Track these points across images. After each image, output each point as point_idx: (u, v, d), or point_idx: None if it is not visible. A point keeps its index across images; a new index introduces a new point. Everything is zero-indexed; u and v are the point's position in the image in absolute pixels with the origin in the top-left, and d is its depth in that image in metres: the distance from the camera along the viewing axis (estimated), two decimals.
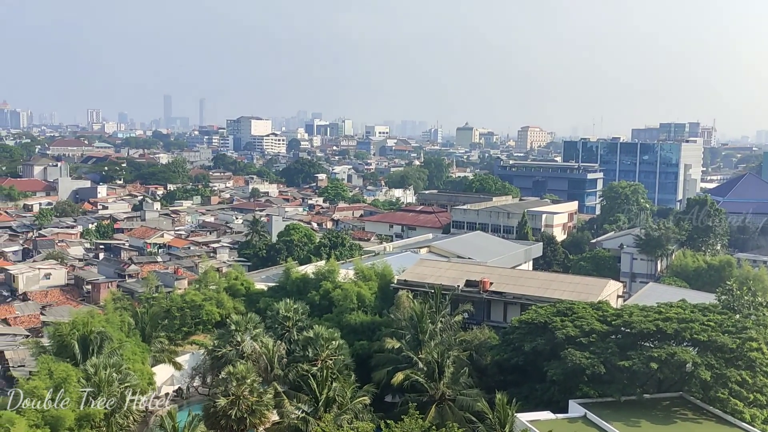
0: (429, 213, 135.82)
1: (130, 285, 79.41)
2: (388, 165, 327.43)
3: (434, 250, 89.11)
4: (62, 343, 46.22)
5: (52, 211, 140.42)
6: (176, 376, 57.23)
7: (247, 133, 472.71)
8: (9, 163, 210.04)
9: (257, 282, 72.10)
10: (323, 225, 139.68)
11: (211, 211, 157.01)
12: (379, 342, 53.58)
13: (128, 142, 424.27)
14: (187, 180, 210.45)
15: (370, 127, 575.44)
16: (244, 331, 51.71)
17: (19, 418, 35.49)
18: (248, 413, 43.29)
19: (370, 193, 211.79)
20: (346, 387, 45.34)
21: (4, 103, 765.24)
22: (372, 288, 63.80)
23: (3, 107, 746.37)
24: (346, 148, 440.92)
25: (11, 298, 78.09)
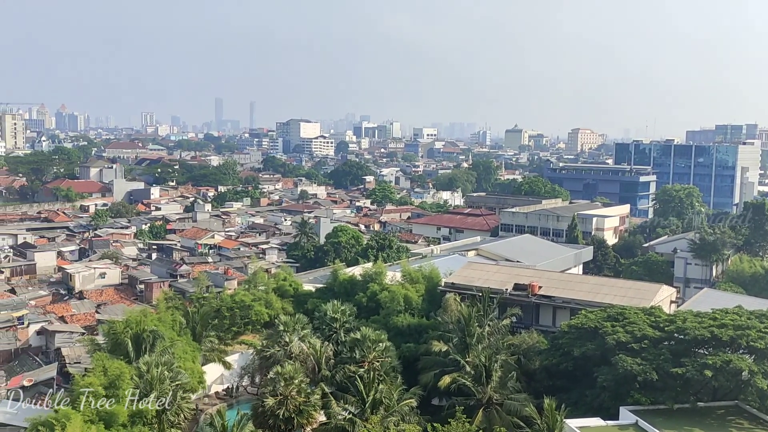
0: (477, 216, 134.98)
1: (181, 285, 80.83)
2: (435, 167, 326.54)
3: (482, 253, 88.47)
4: (116, 341, 47.17)
5: (108, 212, 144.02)
6: (226, 375, 57.97)
7: (296, 136, 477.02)
8: (67, 165, 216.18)
9: (305, 283, 72.58)
10: (371, 227, 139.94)
11: (260, 213, 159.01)
12: (426, 345, 53.40)
13: (181, 144, 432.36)
14: (238, 182, 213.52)
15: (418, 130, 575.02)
16: (292, 331, 52.11)
17: (74, 414, 36.35)
18: (296, 413, 43.58)
19: (417, 195, 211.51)
20: (393, 389, 45.28)
21: (63, 106, 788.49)
22: (419, 290, 63.64)
23: (62, 110, 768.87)
24: (393, 150, 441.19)
25: (68, 296, 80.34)
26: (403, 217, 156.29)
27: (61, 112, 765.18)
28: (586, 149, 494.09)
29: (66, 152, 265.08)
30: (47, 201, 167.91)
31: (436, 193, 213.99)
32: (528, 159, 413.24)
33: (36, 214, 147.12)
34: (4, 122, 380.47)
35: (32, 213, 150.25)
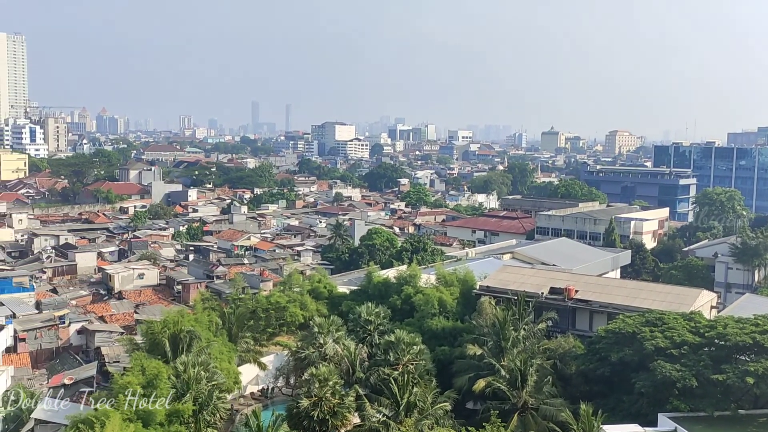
0: (512, 218, 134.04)
1: (218, 286, 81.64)
2: (471, 170, 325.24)
3: (518, 256, 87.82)
4: (154, 340, 47.77)
5: (146, 214, 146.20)
6: (261, 375, 58.39)
7: (331, 138, 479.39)
8: (107, 167, 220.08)
9: (340, 285, 72.80)
10: (405, 229, 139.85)
11: (295, 215, 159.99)
12: (461, 348, 53.17)
13: (218, 147, 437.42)
14: (273, 184, 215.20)
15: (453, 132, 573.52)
16: (326, 333, 52.27)
17: (113, 412, 36.92)
18: (330, 415, 43.67)
19: (452, 197, 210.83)
20: (427, 392, 45.14)
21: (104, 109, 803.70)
22: (454, 293, 63.37)
23: (102, 114, 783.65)
24: (428, 152, 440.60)
25: (108, 296, 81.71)
26: (438, 219, 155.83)
27: (101, 115, 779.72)
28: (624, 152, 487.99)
29: (106, 155, 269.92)
30: (88, 203, 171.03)
31: (471, 196, 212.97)
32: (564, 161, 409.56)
33: (77, 216, 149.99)
34: (47, 125, 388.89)
35: (73, 214, 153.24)
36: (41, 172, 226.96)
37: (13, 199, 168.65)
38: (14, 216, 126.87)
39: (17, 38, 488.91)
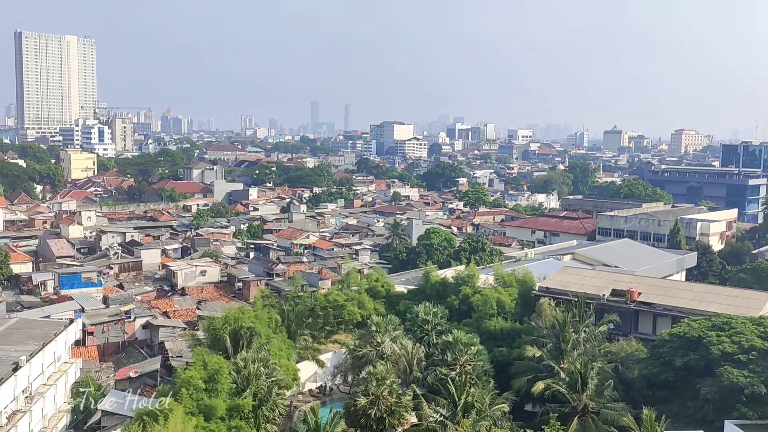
0: (573, 219, 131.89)
1: (277, 283, 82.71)
2: (530, 169, 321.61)
3: (578, 257, 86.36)
4: (215, 336, 48.66)
5: (208, 212, 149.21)
6: (319, 373, 58.88)
7: (390, 138, 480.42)
8: (171, 167, 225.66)
9: (397, 284, 72.83)
10: (463, 229, 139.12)
11: (353, 214, 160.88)
12: (519, 349, 52.60)
13: (278, 146, 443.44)
14: (332, 183, 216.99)
15: (513, 131, 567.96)
16: (384, 332, 52.40)
17: (176, 405, 37.82)
18: (387, 413, 43.76)
19: (511, 197, 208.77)
20: (485, 393, 44.78)
21: (168, 110, 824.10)
22: (512, 294, 62.71)
23: (167, 114, 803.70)
24: (487, 152, 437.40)
25: (171, 292, 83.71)
26: (497, 219, 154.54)
27: (166, 116, 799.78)
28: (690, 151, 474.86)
29: (170, 154, 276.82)
30: (153, 201, 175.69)
31: (531, 196, 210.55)
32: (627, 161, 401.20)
33: (142, 214, 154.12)
34: (114, 126, 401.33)
35: (139, 212, 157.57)
36: (109, 171, 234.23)
37: (83, 197, 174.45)
38: (83, 213, 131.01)
39: (87, 41, 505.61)
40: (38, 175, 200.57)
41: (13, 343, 45.86)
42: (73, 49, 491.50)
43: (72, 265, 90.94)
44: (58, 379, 47.80)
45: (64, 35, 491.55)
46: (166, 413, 36.39)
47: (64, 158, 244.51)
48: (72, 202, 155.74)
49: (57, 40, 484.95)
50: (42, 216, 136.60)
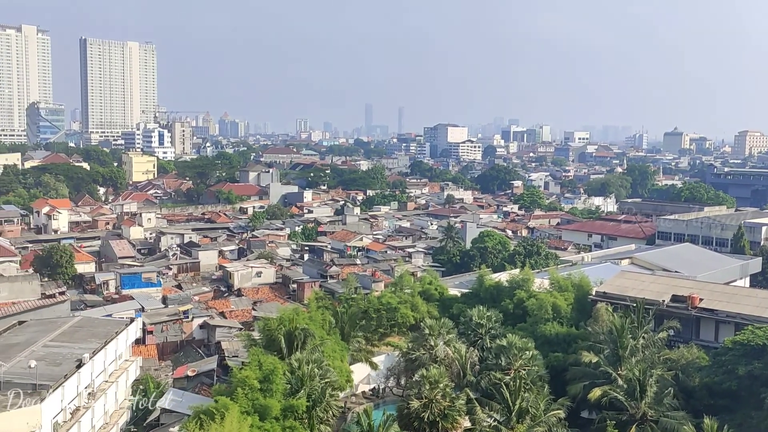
0: (631, 223, 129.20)
1: (331, 285, 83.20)
2: (587, 172, 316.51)
3: (637, 261, 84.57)
4: (270, 337, 49.19)
5: (264, 214, 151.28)
6: (372, 375, 59.01)
7: (444, 140, 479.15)
8: (228, 170, 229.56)
9: (451, 288, 72.46)
10: (518, 233, 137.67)
11: (407, 217, 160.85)
12: (575, 355, 51.78)
13: (332, 149, 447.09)
14: (385, 186, 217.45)
15: (569, 133, 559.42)
16: (437, 335, 52.22)
17: (232, 404, 38.40)
18: (440, 417, 43.59)
19: (567, 200, 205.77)
20: (540, 399, 44.21)
21: (225, 114, 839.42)
22: (568, 299, 61.78)
23: (224, 118, 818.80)
24: (543, 154, 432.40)
25: (228, 293, 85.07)
26: (552, 223, 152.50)
27: (223, 119, 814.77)
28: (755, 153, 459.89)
29: (227, 157, 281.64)
30: (210, 203, 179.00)
31: (588, 199, 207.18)
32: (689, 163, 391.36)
33: (200, 215, 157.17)
34: (174, 129, 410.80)
35: (197, 214, 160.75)
36: (168, 174, 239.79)
37: (143, 199, 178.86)
38: (144, 215, 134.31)
39: (148, 47, 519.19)
40: (101, 177, 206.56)
41: (76, 341, 47.30)
42: (134, 55, 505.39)
43: (133, 265, 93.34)
44: (119, 376, 49.08)
45: (126, 42, 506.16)
46: (222, 412, 36.97)
47: (125, 161, 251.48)
48: (133, 204, 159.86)
49: (119, 47, 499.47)
50: (105, 217, 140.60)
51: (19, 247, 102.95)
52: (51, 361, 42.57)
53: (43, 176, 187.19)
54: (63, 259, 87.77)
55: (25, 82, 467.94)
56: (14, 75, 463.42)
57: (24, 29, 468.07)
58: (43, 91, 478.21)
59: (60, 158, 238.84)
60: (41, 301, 71.09)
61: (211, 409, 37.95)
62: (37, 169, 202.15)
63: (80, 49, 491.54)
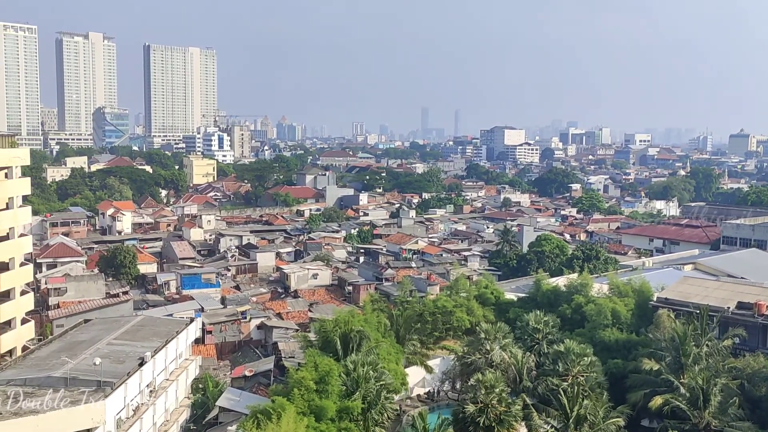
0: (695, 227, 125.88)
1: (386, 288, 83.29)
2: (648, 175, 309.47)
3: (700, 267, 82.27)
4: (326, 338, 49.63)
5: (320, 217, 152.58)
6: (427, 378, 58.87)
7: (500, 143, 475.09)
8: (285, 173, 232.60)
9: (507, 292, 71.83)
10: (576, 236, 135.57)
11: (462, 220, 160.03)
12: (636, 362, 50.68)
13: (388, 152, 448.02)
14: (441, 189, 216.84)
15: (630, 135, 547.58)
16: (493, 340, 51.83)
17: (289, 405, 38.83)
18: (496, 422, 43.17)
19: (628, 204, 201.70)
20: (599, 406, 43.41)
21: (283, 117, 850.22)
22: (628, 304, 60.56)
23: (282, 122, 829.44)
24: (602, 157, 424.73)
25: (285, 294, 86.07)
26: (612, 227, 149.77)
27: (281, 123, 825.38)
28: None
29: (285, 160, 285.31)
30: (268, 205, 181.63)
31: (649, 203, 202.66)
32: (756, 166, 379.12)
33: (258, 218, 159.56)
34: (233, 133, 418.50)
35: (255, 216, 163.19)
36: (227, 177, 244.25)
37: (203, 201, 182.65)
38: (204, 217, 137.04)
39: (209, 53, 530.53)
40: (163, 180, 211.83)
41: (139, 340, 48.58)
42: (196, 61, 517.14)
43: (193, 266, 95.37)
44: (179, 375, 50.22)
45: (187, 47, 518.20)
46: (279, 412, 37.39)
47: (186, 164, 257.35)
48: (193, 206, 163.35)
49: (181, 52, 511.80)
50: (166, 219, 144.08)
51: (85, 248, 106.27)
52: (115, 358, 43.84)
53: (108, 179, 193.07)
54: (126, 260, 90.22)
55: (92, 88, 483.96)
56: (81, 81, 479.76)
57: (91, 36, 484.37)
58: (109, 97, 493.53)
59: (124, 161, 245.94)
60: (106, 300, 73.47)
61: (268, 408, 38.45)
62: (103, 172, 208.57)
63: (144, 55, 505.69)
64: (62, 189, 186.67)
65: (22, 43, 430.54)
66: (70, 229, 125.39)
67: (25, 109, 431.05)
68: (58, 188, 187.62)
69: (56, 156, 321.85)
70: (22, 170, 59.12)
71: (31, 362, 43.66)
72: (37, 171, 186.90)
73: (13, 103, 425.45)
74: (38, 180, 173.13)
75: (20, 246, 57.37)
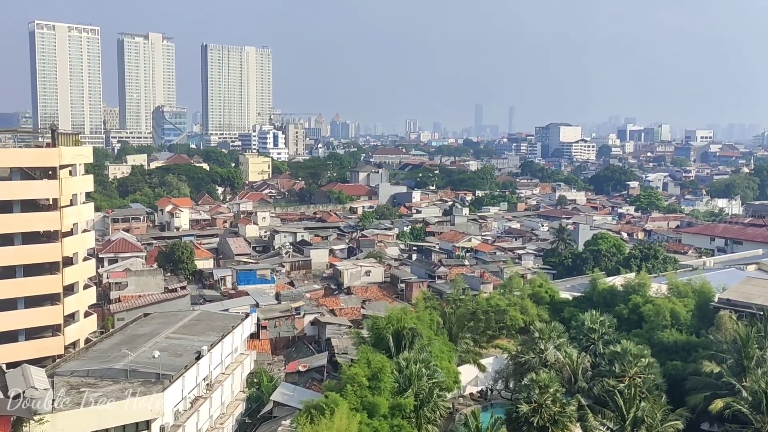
0: (759, 226, 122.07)
1: (439, 286, 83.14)
2: (710, 172, 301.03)
3: (764, 267, 79.75)
4: (379, 335, 49.75)
5: (373, 214, 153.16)
6: (480, 377, 58.51)
7: (556, 140, 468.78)
8: (339, 170, 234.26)
9: (562, 291, 70.91)
10: (634, 235, 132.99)
11: (516, 218, 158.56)
12: (695, 364, 49.48)
13: (441, 150, 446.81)
14: (495, 186, 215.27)
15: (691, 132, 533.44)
16: (547, 339, 51.22)
17: (342, 401, 39.09)
18: (550, 423, 42.61)
19: (688, 202, 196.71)
20: (656, 408, 42.52)
21: (337, 115, 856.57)
22: (688, 305, 59.09)
23: (336, 120, 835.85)
24: (662, 154, 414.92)
25: (338, 291, 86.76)
26: (671, 225, 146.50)
27: (335, 121, 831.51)
28: None
29: (338, 158, 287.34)
30: (321, 203, 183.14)
31: (710, 201, 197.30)
32: None
33: (312, 215, 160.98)
34: (287, 131, 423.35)
35: (309, 213, 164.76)
36: (282, 174, 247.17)
37: (258, 198, 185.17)
38: (259, 214, 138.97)
39: (264, 52, 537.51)
40: (220, 177, 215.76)
41: (196, 334, 49.58)
42: (252, 59, 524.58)
43: (248, 262, 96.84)
44: (235, 369, 51.07)
45: (244, 46, 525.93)
46: (332, 408, 37.66)
47: (242, 162, 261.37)
48: (249, 203, 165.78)
49: (238, 52, 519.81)
50: (222, 216, 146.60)
51: (145, 244, 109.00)
52: (173, 352, 44.83)
53: (166, 176, 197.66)
54: (184, 255, 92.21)
55: (152, 87, 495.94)
56: (141, 80, 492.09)
57: (151, 37, 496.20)
58: (168, 96, 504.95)
59: (182, 159, 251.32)
60: (164, 295, 75.30)
61: (322, 404, 38.77)
62: (162, 169, 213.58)
63: (201, 55, 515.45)
64: (123, 186, 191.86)
65: (86, 44, 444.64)
66: (130, 225, 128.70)
67: (89, 109, 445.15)
68: (119, 185, 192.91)
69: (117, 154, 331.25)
70: (85, 168, 61.02)
71: (93, 354, 45.00)
72: (99, 168, 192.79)
73: (77, 103, 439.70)
74: (100, 177, 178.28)
75: (83, 241, 59.18)
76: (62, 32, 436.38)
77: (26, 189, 53.05)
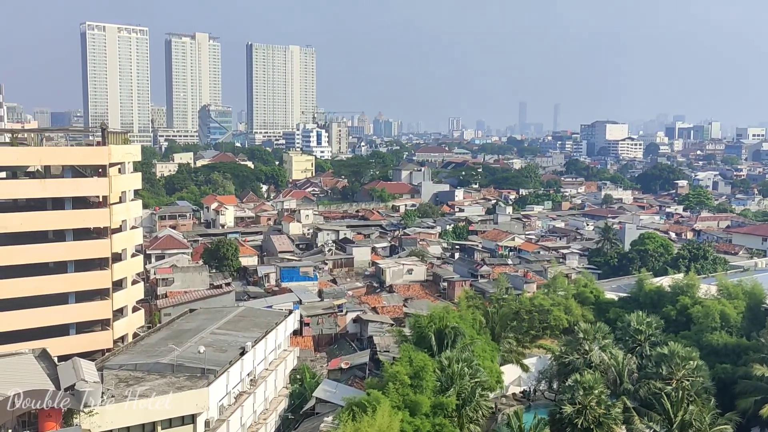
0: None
1: (481, 285, 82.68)
2: (762, 171, 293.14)
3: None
4: (421, 334, 49.74)
5: (416, 212, 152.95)
6: (523, 377, 58.08)
7: (601, 138, 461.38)
8: (381, 168, 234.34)
9: (607, 291, 69.95)
10: (682, 235, 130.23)
11: (561, 217, 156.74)
12: (746, 367, 48.34)
13: (484, 148, 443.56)
14: (539, 185, 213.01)
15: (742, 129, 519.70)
16: (592, 340, 50.58)
17: (384, 399, 39.16)
18: (595, 424, 42.07)
19: (739, 202, 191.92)
20: (705, 412, 41.62)
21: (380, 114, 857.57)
22: (738, 307, 57.71)
23: (379, 118, 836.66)
24: (711, 152, 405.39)
25: (380, 289, 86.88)
26: (721, 225, 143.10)
27: (378, 119, 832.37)
28: None
29: (381, 156, 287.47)
30: (364, 201, 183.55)
31: (762, 200, 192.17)
32: None
33: (354, 213, 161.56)
34: (331, 129, 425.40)
35: (351, 211, 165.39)
36: (325, 173, 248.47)
37: (302, 196, 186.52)
38: (302, 212, 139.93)
39: (308, 51, 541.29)
40: (264, 175, 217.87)
41: (240, 330, 50.24)
42: (296, 59, 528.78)
43: (292, 259, 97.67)
44: (278, 365, 51.60)
45: (288, 46, 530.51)
46: (374, 405, 37.76)
47: (286, 160, 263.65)
48: (292, 201, 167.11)
49: (282, 51, 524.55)
50: (266, 213, 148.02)
51: (191, 240, 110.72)
52: (217, 347, 45.51)
53: (212, 174, 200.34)
54: (229, 252, 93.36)
55: (198, 87, 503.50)
56: (188, 80, 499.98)
57: (197, 37, 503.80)
58: (213, 95, 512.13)
59: (227, 157, 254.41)
60: (209, 291, 76.41)
61: (364, 401, 38.91)
62: (207, 167, 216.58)
63: (246, 54, 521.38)
64: (170, 184, 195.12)
65: (135, 44, 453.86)
66: (177, 222, 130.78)
67: (137, 108, 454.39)
68: (166, 183, 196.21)
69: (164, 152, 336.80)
70: (133, 166, 62.30)
71: (141, 348, 45.94)
72: (147, 166, 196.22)
73: (126, 102, 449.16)
74: (148, 175, 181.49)
75: (132, 238, 60.44)
76: (112, 33, 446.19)
77: (77, 186, 54.41)
